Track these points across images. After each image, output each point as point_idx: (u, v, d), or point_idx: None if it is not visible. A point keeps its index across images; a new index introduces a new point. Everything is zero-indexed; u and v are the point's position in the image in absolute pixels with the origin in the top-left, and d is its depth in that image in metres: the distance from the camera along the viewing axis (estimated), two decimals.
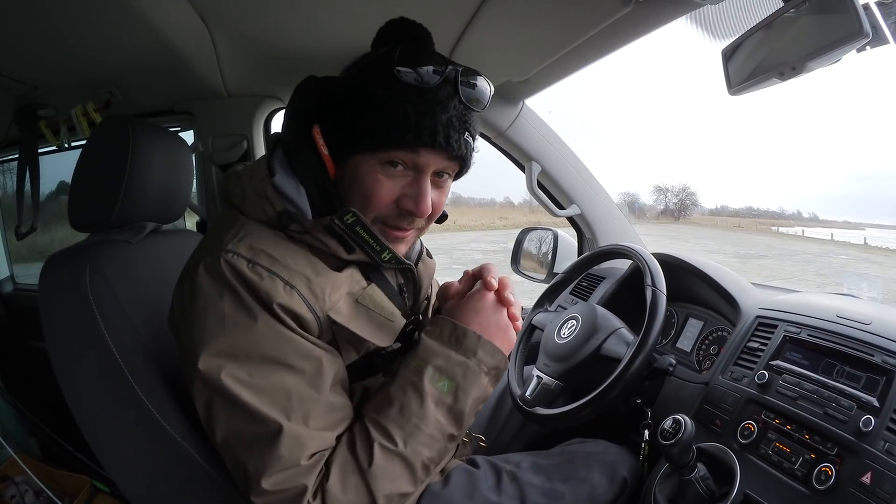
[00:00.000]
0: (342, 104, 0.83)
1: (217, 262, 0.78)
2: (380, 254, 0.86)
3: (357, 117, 0.81)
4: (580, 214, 1.87)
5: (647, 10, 0.97)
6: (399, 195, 0.84)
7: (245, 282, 0.77)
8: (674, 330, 1.48)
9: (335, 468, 0.78)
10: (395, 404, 0.82)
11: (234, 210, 0.87)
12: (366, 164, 0.82)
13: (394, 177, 0.83)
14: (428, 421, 0.82)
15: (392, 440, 0.80)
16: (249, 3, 1.21)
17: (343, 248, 0.85)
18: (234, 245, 0.79)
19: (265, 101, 1.83)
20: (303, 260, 0.82)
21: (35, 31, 1.26)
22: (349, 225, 0.82)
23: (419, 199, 0.83)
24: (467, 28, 1.23)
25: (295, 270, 0.80)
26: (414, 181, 0.84)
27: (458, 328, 0.87)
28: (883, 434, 0.85)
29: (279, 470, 0.75)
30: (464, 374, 0.85)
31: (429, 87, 0.79)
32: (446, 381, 0.84)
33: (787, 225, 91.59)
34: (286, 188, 0.85)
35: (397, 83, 0.79)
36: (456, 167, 0.88)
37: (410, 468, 0.81)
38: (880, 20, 0.77)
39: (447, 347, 0.86)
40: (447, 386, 0.84)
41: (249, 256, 0.78)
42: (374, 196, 0.83)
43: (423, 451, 0.82)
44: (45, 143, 1.89)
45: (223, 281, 0.77)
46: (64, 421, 2.07)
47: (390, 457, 0.79)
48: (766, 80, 0.91)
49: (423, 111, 0.79)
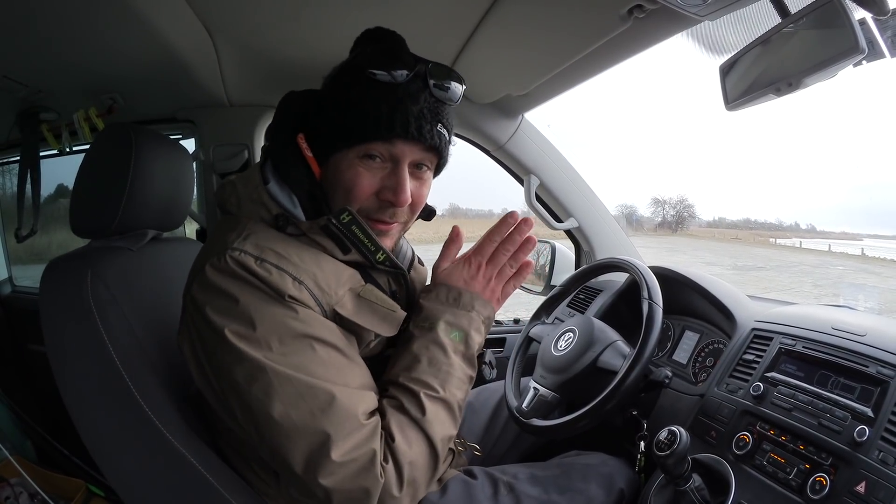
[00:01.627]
0: (321, 109, 0.88)
1: (225, 261, 0.79)
2: (374, 254, 0.89)
3: (334, 117, 0.86)
4: (578, 227, 1.89)
5: (647, 27, 0.98)
6: (379, 187, 0.88)
7: (256, 276, 0.78)
8: (670, 342, 1.49)
9: (395, 428, 0.82)
10: (422, 359, 0.89)
11: (233, 216, 0.89)
12: (345, 159, 0.87)
13: (372, 169, 0.87)
14: (454, 366, 0.90)
15: (433, 389, 0.87)
16: (254, 15, 1.23)
17: (339, 249, 0.88)
18: (240, 243, 0.81)
19: (267, 111, 1.83)
20: (308, 255, 0.84)
21: (39, 35, 1.26)
22: (345, 224, 0.85)
23: (398, 189, 0.87)
24: (468, 43, 1.25)
25: (302, 267, 0.82)
26: (392, 172, 0.87)
27: (451, 289, 0.95)
28: (878, 444, 0.85)
29: (345, 436, 0.76)
30: (469, 324, 0.93)
31: (399, 82, 0.83)
32: (457, 332, 0.92)
33: (785, 236, 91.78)
34: (279, 197, 0.88)
35: (370, 81, 0.83)
36: (434, 159, 0.92)
37: (451, 410, 0.89)
38: (876, 35, 0.79)
39: (450, 306, 0.94)
40: (459, 336, 0.92)
41: (257, 254, 0.80)
42: (356, 188, 0.87)
43: (457, 392, 0.90)
44: (46, 146, 1.88)
45: (234, 276, 0.79)
46: (59, 424, 2.06)
47: (436, 403, 0.86)
48: (763, 95, 0.92)
49: (395, 104, 0.83)
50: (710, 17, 0.90)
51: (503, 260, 0.97)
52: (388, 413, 0.83)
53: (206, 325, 0.79)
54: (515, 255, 0.98)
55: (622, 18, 0.94)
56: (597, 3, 0.95)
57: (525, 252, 0.98)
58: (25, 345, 2.26)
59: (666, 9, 0.88)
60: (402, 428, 0.82)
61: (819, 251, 45.84)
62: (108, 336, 0.91)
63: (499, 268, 0.97)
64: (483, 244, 0.97)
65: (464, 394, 0.92)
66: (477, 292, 0.96)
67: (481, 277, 0.96)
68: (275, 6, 1.17)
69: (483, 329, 0.96)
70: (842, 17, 0.76)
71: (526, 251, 0.98)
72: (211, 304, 0.79)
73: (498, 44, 1.23)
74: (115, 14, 1.12)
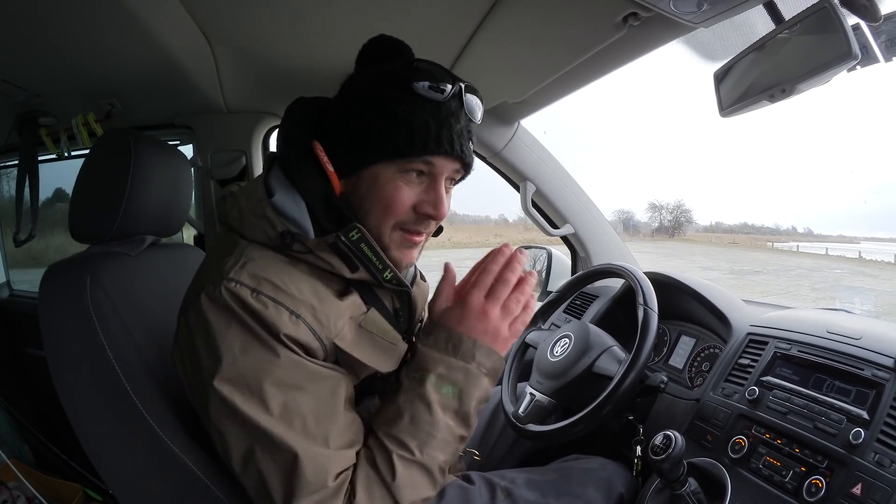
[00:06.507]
0: (352, 117, 0.86)
1: (220, 292, 0.77)
2: (382, 272, 0.87)
3: (375, 129, 0.84)
4: (574, 234, 1.90)
5: (642, 34, 0.99)
6: (417, 201, 0.87)
7: (250, 311, 0.77)
8: (666, 347, 1.50)
9: (360, 485, 0.79)
10: (405, 416, 0.83)
11: (233, 233, 0.87)
12: (385, 173, 0.85)
13: (412, 184, 0.86)
14: (439, 427, 0.84)
15: (409, 450, 0.81)
16: (251, 22, 1.23)
17: (347, 267, 0.85)
18: (237, 273, 0.79)
19: (265, 117, 1.84)
20: (307, 287, 0.82)
21: (38, 40, 1.27)
22: (354, 241, 0.83)
23: (438, 203, 0.87)
24: (464, 50, 1.26)
25: (300, 299, 0.80)
26: (430, 187, 0.87)
27: (452, 335, 0.88)
28: (873, 446, 0.86)
29: (307, 494, 0.75)
30: (465, 378, 0.86)
31: (443, 100, 0.83)
32: (450, 387, 0.85)
33: (782, 240, 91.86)
34: (287, 207, 0.85)
35: (416, 97, 0.83)
36: (462, 174, 0.92)
37: (429, 474, 0.83)
38: (870, 40, 0.80)
39: (446, 355, 0.87)
40: (451, 391, 0.85)
41: (253, 285, 0.78)
42: (396, 203, 0.85)
43: (439, 455, 0.84)
44: (44, 150, 1.89)
45: (228, 311, 0.77)
46: (57, 428, 2.07)
47: (410, 466, 0.81)
48: (757, 102, 0.93)
49: (441, 122, 0.83)
50: (705, 24, 0.91)
51: (505, 293, 0.90)
52: (360, 465, 0.81)
53: (194, 354, 0.79)
54: (520, 288, 0.92)
55: (617, 26, 0.95)
56: (592, 11, 0.96)
57: (529, 285, 0.93)
58: (23, 349, 2.26)
59: (661, 16, 0.88)
60: (368, 486, 0.79)
61: (816, 255, 45.90)
62: (106, 341, 0.91)
63: (501, 302, 0.90)
64: (481, 278, 0.92)
65: (449, 455, 0.86)
66: (478, 337, 0.87)
67: (483, 317, 0.89)
68: (273, 13, 1.17)
69: (486, 382, 0.88)
70: (835, 22, 0.77)
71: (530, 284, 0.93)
72: (202, 336, 0.78)
73: (494, 51, 1.24)
74: (114, 19, 1.13)
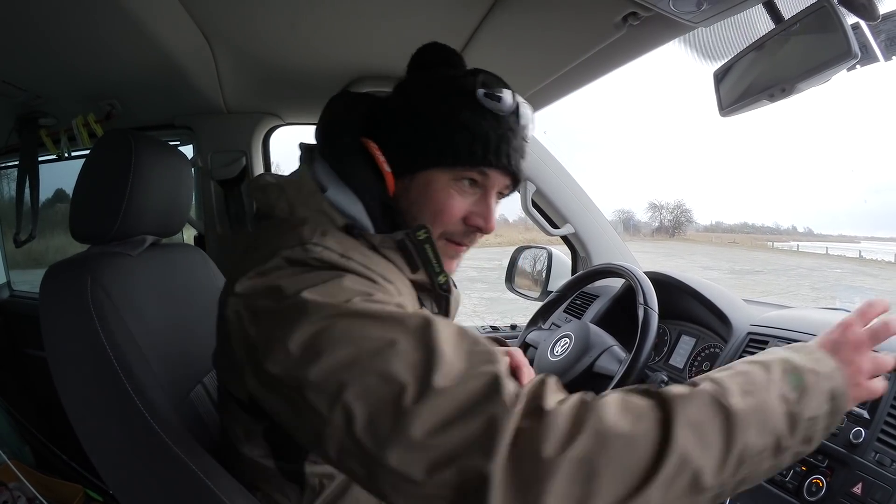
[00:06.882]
0: (412, 120, 0.84)
1: (305, 253, 0.70)
2: (437, 276, 0.85)
3: (435, 135, 0.82)
4: (574, 233, 1.90)
5: (641, 34, 0.99)
6: (467, 212, 0.86)
7: (344, 269, 0.70)
8: (666, 347, 1.50)
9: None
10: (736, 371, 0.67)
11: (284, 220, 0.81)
12: (439, 179, 0.83)
13: (464, 194, 0.85)
14: (771, 396, 0.64)
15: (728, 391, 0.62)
16: (251, 22, 1.23)
17: (408, 267, 0.83)
18: (319, 239, 0.72)
19: (265, 118, 1.84)
20: (387, 270, 0.77)
21: (38, 41, 1.26)
22: (420, 242, 0.80)
23: (488, 216, 0.86)
24: (463, 51, 1.25)
25: (387, 276, 0.74)
26: (482, 199, 0.86)
27: (817, 351, 0.71)
28: (874, 445, 0.86)
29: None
30: (816, 381, 0.66)
31: (504, 113, 0.82)
32: (797, 377, 0.66)
33: (783, 240, 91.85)
34: (342, 203, 0.81)
35: (479, 107, 0.81)
36: (510, 189, 0.91)
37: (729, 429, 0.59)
38: (870, 39, 0.79)
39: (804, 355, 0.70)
40: (797, 381, 0.66)
41: (341, 251, 0.71)
42: (447, 211, 0.84)
43: (751, 432, 0.60)
44: (45, 151, 1.88)
45: (321, 264, 0.70)
46: (58, 429, 2.07)
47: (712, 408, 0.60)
48: (757, 101, 0.92)
49: (502, 135, 0.82)
50: (704, 23, 0.90)
51: (883, 338, 0.72)
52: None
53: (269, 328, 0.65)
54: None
55: (617, 26, 0.95)
56: (591, 10, 0.96)
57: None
58: (24, 350, 2.26)
59: (660, 16, 0.88)
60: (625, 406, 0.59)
61: (816, 254, 45.95)
62: (107, 341, 0.91)
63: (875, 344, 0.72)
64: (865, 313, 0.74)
65: (759, 444, 0.61)
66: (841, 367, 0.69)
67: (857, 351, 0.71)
68: (273, 13, 1.17)
69: (826, 405, 0.66)
70: (835, 22, 0.76)
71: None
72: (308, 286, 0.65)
73: (493, 52, 1.24)
74: (114, 20, 1.13)
